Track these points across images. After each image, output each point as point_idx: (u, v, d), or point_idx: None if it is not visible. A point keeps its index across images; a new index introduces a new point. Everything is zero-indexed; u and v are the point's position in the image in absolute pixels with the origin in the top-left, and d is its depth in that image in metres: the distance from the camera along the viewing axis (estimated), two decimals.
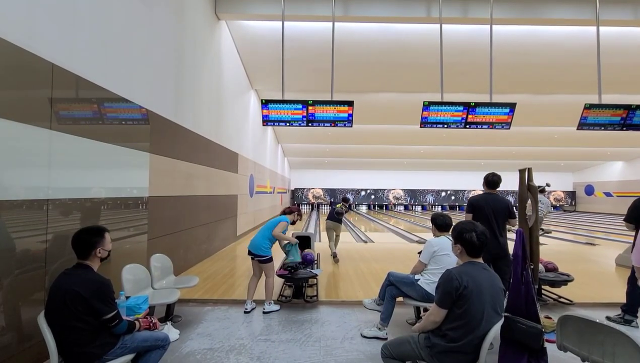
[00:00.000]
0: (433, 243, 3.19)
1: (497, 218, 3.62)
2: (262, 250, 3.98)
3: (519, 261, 2.58)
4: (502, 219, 3.67)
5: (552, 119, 13.18)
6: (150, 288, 3.44)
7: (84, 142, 3.13)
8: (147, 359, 2.25)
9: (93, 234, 2.21)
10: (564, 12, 6.61)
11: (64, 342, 2.00)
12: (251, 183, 10.99)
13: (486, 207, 3.63)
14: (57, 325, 2.00)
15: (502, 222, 3.67)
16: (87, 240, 2.17)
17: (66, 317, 1.98)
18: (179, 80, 5.29)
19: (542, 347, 2.16)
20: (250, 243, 4.07)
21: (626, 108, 5.70)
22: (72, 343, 2.00)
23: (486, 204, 3.65)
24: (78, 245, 2.17)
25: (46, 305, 2.06)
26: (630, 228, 3.73)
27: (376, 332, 3.26)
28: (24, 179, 2.56)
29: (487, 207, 3.63)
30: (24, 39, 2.50)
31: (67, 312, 1.97)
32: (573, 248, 8.53)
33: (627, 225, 3.76)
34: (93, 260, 2.18)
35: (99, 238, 2.21)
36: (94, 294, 2.01)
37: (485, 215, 3.59)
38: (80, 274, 2.09)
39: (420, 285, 3.14)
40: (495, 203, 3.66)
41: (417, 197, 28.64)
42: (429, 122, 5.79)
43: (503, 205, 3.68)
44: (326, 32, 6.42)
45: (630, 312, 3.63)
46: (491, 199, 3.69)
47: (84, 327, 2.00)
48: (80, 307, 1.98)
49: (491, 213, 3.61)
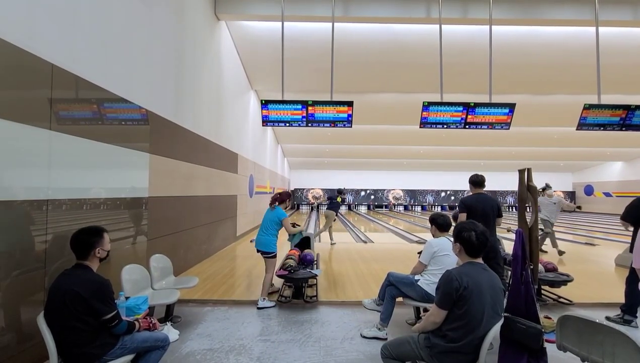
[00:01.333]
0: (433, 244, 3.19)
1: (488, 218, 3.74)
2: (269, 247, 4.19)
3: (519, 261, 2.58)
4: (492, 218, 3.81)
5: (551, 119, 13.20)
6: (150, 289, 3.44)
7: (83, 143, 3.13)
8: (146, 360, 2.24)
9: (92, 234, 2.21)
10: (563, 13, 6.62)
11: (64, 343, 2.00)
12: (251, 183, 11.00)
13: (478, 205, 3.78)
14: (56, 326, 2.00)
15: (493, 221, 3.81)
16: (85, 241, 2.17)
17: (66, 318, 1.98)
18: (179, 81, 5.29)
19: (541, 347, 2.16)
20: (258, 241, 4.24)
21: (625, 108, 5.71)
22: (71, 344, 2.00)
23: (478, 203, 3.80)
24: (77, 245, 2.17)
25: (46, 306, 2.06)
26: (626, 226, 3.80)
27: (376, 332, 3.26)
28: (23, 179, 2.55)
29: (479, 206, 3.77)
30: (23, 39, 2.50)
31: (67, 313, 1.97)
32: (572, 248, 8.53)
33: (623, 223, 3.82)
34: (92, 260, 2.18)
35: (98, 239, 2.21)
36: (93, 294, 2.01)
37: (478, 214, 3.70)
38: (79, 274, 2.09)
39: (420, 286, 3.15)
40: (485, 203, 3.82)
41: (416, 197, 28.66)
42: (429, 122, 5.80)
43: (493, 204, 3.84)
44: (326, 32, 6.42)
45: (630, 312, 3.64)
46: (482, 199, 3.84)
47: (84, 327, 2.00)
48: (80, 307, 1.98)
49: (482, 212, 3.74)
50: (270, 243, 4.19)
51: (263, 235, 4.22)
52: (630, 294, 3.64)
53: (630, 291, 3.64)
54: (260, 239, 4.22)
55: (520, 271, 2.54)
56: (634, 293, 3.58)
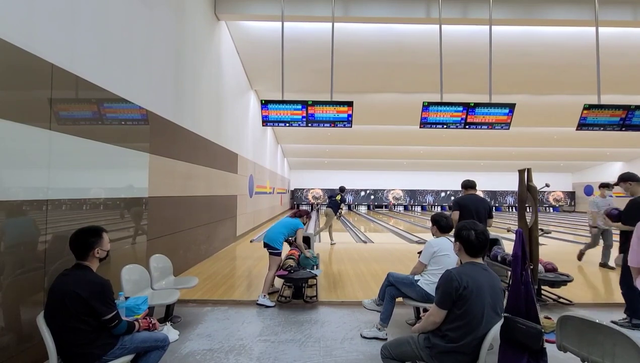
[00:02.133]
0: (433, 244, 3.19)
1: (480, 217, 3.87)
2: (276, 243, 4.27)
3: (519, 261, 2.58)
4: (484, 218, 3.97)
5: (551, 119, 13.20)
6: (150, 289, 3.43)
7: (83, 143, 3.13)
8: (146, 360, 2.24)
9: (90, 234, 2.20)
10: (563, 13, 6.62)
11: (64, 343, 1.99)
12: (251, 183, 10.99)
13: (471, 205, 3.95)
14: (56, 326, 1.99)
15: (484, 221, 3.94)
16: (84, 241, 2.17)
17: (66, 318, 1.98)
18: (179, 81, 5.29)
19: (541, 347, 2.15)
20: (266, 235, 4.32)
21: (625, 108, 5.71)
22: (71, 344, 1.99)
23: (471, 203, 3.99)
24: (76, 245, 2.16)
25: (45, 306, 2.06)
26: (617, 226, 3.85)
27: (376, 332, 3.26)
28: (23, 179, 2.55)
29: (471, 206, 3.95)
30: (23, 40, 2.49)
31: (67, 313, 1.97)
32: (572, 248, 8.52)
33: (617, 225, 3.84)
34: (91, 260, 2.18)
35: (97, 239, 2.20)
36: (93, 295, 2.00)
37: (472, 212, 3.88)
38: (79, 275, 2.08)
39: (420, 286, 3.15)
40: (477, 203, 4.00)
41: (416, 197, 28.65)
42: (429, 122, 5.80)
43: (485, 205, 4.04)
44: (326, 32, 6.42)
45: (636, 315, 3.56)
46: (474, 199, 4.02)
47: (84, 327, 2.00)
48: (80, 307, 1.98)
49: (475, 212, 3.90)
50: (278, 241, 4.29)
51: (273, 232, 4.35)
52: (631, 297, 3.57)
53: (629, 294, 3.59)
54: (269, 234, 4.33)
55: (520, 271, 2.53)
56: (635, 295, 3.53)
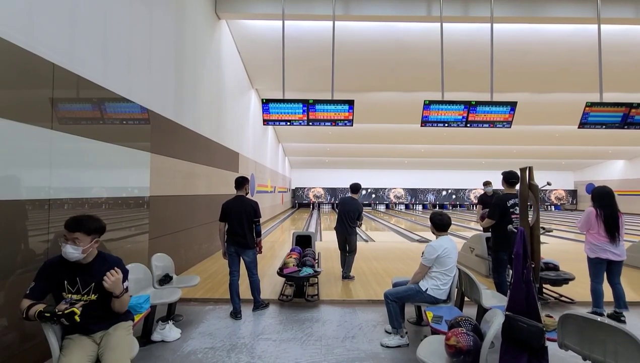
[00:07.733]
0: (436, 247, 3.05)
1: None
2: None
3: (520, 260, 2.58)
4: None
5: (553, 117, 13.16)
6: (152, 288, 3.45)
7: (84, 142, 3.13)
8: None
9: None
10: (565, 10, 6.60)
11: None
12: (252, 182, 11.00)
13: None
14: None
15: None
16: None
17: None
18: (180, 80, 5.29)
19: (543, 345, 2.15)
20: None
21: (627, 106, 5.68)
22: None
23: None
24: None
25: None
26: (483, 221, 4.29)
27: (398, 340, 3.10)
28: (25, 178, 2.56)
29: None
30: (24, 40, 2.50)
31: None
32: (574, 247, 8.51)
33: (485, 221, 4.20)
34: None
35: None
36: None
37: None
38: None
39: (428, 294, 3.05)
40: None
41: (418, 196, 28.62)
42: (430, 121, 5.78)
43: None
44: (327, 31, 6.42)
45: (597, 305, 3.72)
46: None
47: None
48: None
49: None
50: None
51: None
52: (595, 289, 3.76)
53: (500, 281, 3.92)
54: None
55: (522, 269, 2.53)
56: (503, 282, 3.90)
